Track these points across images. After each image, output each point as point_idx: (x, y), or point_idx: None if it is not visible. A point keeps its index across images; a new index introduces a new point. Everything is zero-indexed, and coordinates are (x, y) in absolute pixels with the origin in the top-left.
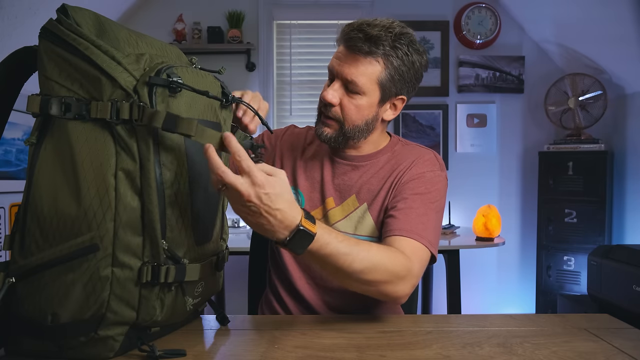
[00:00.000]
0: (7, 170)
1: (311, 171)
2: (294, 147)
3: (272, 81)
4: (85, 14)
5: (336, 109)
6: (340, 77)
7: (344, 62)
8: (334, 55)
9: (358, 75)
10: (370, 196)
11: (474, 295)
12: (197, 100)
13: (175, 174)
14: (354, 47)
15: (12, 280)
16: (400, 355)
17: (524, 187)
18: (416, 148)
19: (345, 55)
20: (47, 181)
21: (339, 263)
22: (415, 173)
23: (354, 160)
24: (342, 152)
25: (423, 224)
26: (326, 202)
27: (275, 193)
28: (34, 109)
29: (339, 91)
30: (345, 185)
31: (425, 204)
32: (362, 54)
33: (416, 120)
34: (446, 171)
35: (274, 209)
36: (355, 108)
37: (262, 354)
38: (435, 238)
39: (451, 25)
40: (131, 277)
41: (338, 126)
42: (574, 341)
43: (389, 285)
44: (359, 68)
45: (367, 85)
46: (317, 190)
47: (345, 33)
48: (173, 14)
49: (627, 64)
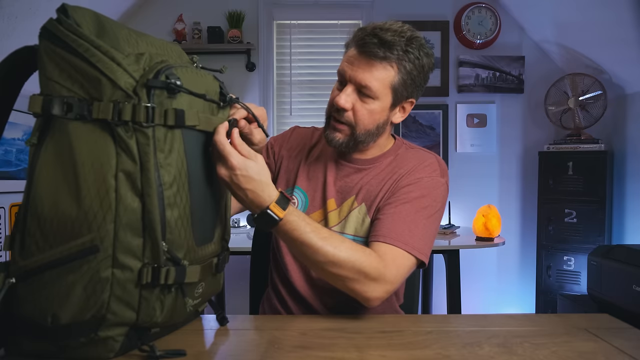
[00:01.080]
0: (7, 170)
1: (315, 172)
2: (299, 148)
3: (272, 81)
4: (85, 14)
5: (349, 114)
6: (354, 81)
7: (358, 66)
8: (345, 59)
9: (372, 80)
10: (369, 198)
11: (474, 295)
12: (196, 100)
13: (174, 175)
14: (368, 52)
15: (12, 280)
16: (400, 355)
17: (524, 187)
18: (419, 152)
19: (358, 60)
20: (47, 182)
21: (303, 250)
22: (413, 178)
23: (359, 164)
24: (348, 155)
25: (410, 230)
26: (327, 203)
27: (245, 175)
28: (36, 108)
29: (351, 96)
30: (347, 187)
31: (415, 210)
32: (377, 59)
33: (416, 120)
34: (447, 177)
35: (243, 188)
36: (367, 113)
37: (262, 354)
38: (423, 244)
39: (451, 25)
40: (131, 279)
41: (350, 131)
42: (574, 341)
43: (356, 283)
44: (373, 73)
45: (380, 90)
46: (319, 191)
47: (360, 38)
48: (173, 14)
49: (627, 64)
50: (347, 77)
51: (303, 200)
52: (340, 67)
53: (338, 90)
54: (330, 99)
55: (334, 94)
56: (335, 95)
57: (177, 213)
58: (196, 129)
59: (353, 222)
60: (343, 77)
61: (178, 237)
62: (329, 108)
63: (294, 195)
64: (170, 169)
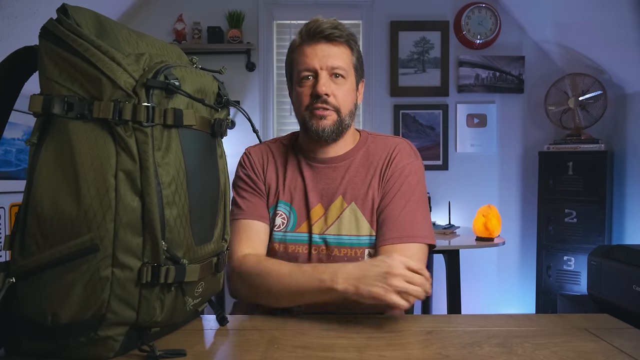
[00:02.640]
0: (7, 170)
1: (293, 182)
2: (270, 164)
3: (272, 81)
4: (85, 14)
5: (331, 98)
6: (325, 67)
7: (323, 54)
8: (306, 56)
9: (341, 61)
10: (359, 196)
11: (474, 295)
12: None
13: (172, 174)
14: (329, 37)
15: (12, 280)
16: (400, 355)
17: (524, 187)
18: (388, 139)
19: (321, 48)
20: (47, 181)
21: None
22: (394, 169)
23: (333, 162)
24: (318, 155)
25: (411, 222)
26: (314, 209)
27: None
28: (36, 108)
29: (328, 81)
30: (329, 188)
31: (410, 201)
32: (337, 40)
33: (416, 120)
34: (419, 155)
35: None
36: (345, 93)
37: (262, 354)
38: (427, 228)
39: (451, 25)
40: (131, 278)
41: (336, 115)
42: (574, 341)
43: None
44: (339, 54)
45: (348, 69)
46: (302, 199)
47: (320, 31)
48: (173, 14)
49: (627, 64)
50: (317, 67)
51: (291, 214)
52: (304, 63)
53: (307, 87)
54: (304, 96)
55: (305, 90)
56: (307, 91)
57: (175, 212)
58: (193, 129)
59: (347, 223)
60: (312, 70)
61: (177, 236)
62: (306, 103)
63: (279, 211)
64: (168, 168)
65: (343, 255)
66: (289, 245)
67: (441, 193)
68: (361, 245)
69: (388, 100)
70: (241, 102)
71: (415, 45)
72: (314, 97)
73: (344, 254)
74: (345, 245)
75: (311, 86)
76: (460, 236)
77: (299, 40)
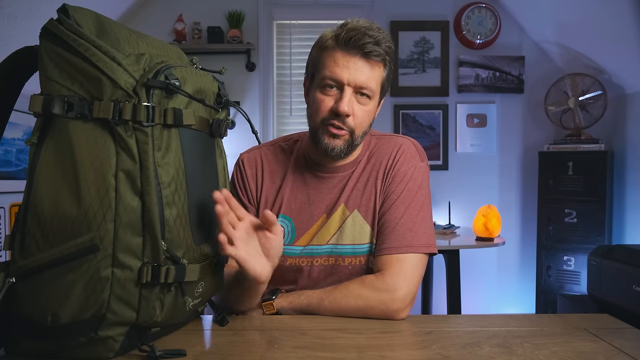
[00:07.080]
0: (7, 170)
1: (296, 194)
2: (264, 176)
3: (272, 81)
4: (85, 14)
5: (350, 119)
6: (353, 84)
7: (356, 69)
8: (337, 65)
9: (372, 81)
10: (359, 201)
11: (474, 295)
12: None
13: (172, 174)
14: (368, 53)
15: (12, 280)
16: (400, 355)
17: (524, 187)
18: (392, 139)
19: (354, 62)
20: (47, 181)
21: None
22: (397, 172)
23: (339, 171)
24: (324, 164)
25: (410, 230)
26: (319, 221)
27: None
28: (36, 108)
29: (352, 100)
30: (332, 197)
31: (410, 207)
32: (374, 58)
33: (416, 120)
34: (425, 156)
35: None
36: (365, 114)
37: (262, 354)
38: (427, 235)
39: (451, 25)
40: (131, 278)
41: (349, 136)
42: (574, 341)
43: (378, 314)
44: (372, 75)
45: (375, 89)
46: (306, 212)
47: (359, 45)
48: (173, 14)
49: (627, 64)
50: (345, 81)
51: (289, 227)
52: (333, 72)
53: (329, 97)
54: (323, 106)
55: (326, 100)
56: (329, 102)
57: (175, 212)
58: (192, 128)
59: (349, 232)
60: (338, 81)
61: (177, 236)
62: (322, 116)
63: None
64: (168, 168)
65: (347, 264)
66: (287, 258)
67: (441, 193)
68: (365, 254)
69: (388, 100)
70: (241, 102)
71: (415, 45)
72: (332, 112)
73: (348, 263)
74: (349, 254)
75: (333, 97)
76: (460, 236)
77: (333, 43)
